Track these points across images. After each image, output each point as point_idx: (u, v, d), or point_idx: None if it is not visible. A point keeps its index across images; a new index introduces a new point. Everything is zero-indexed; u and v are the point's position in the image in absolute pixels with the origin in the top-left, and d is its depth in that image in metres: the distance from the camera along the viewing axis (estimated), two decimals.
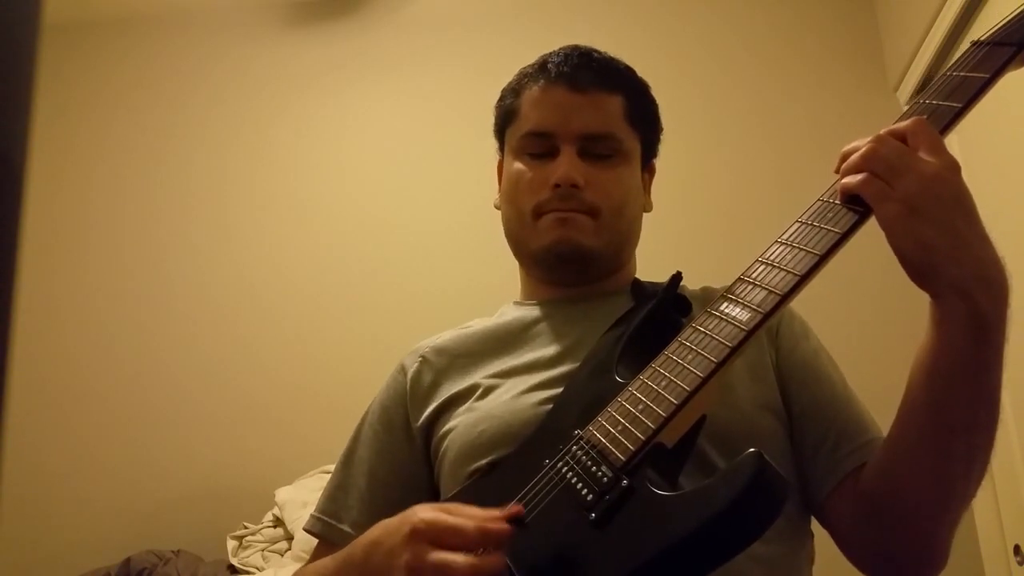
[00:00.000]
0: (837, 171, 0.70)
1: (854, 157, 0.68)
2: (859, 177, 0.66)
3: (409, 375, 0.94)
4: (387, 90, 2.53)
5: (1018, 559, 1.73)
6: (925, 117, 0.69)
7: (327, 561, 0.79)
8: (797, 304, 0.73)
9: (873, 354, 1.88)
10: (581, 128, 0.92)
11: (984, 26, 1.82)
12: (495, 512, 0.62)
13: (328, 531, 0.89)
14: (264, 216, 2.47)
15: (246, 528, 2.00)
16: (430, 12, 2.57)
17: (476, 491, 0.78)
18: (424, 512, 0.63)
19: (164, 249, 2.47)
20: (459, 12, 2.57)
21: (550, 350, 0.90)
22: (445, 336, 0.98)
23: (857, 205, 0.67)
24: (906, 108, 0.73)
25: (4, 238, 0.27)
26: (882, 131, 0.68)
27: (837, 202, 0.68)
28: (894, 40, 2.26)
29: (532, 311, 0.97)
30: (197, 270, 2.44)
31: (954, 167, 0.65)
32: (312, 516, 0.92)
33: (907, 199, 0.63)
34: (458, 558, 0.59)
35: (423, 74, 2.52)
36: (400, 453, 0.91)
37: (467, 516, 0.62)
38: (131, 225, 2.51)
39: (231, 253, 2.45)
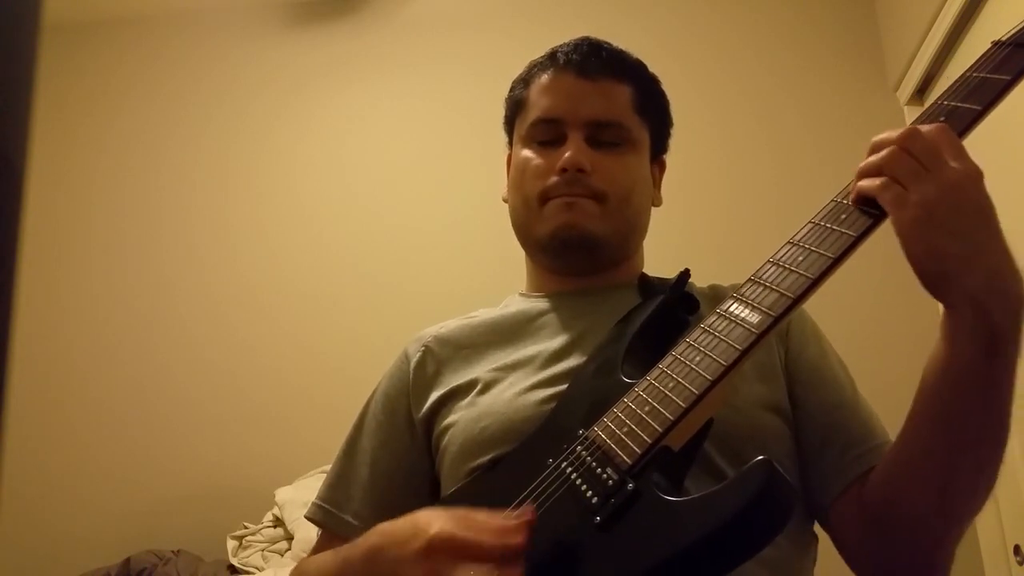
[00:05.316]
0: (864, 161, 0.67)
1: (874, 159, 0.66)
2: (877, 181, 0.64)
3: (412, 364, 0.93)
4: (387, 90, 2.53)
5: (1018, 559, 1.73)
6: (943, 119, 0.67)
7: (328, 557, 0.78)
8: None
9: (877, 357, 1.88)
10: (589, 115, 0.92)
11: (985, 26, 1.83)
12: (511, 522, 0.60)
13: (329, 519, 0.89)
14: (264, 216, 2.47)
15: (246, 528, 2.00)
16: (430, 12, 2.57)
17: (478, 488, 0.77)
18: (440, 523, 0.60)
19: (164, 249, 2.47)
20: (459, 12, 2.56)
21: (554, 344, 0.89)
22: (450, 325, 0.97)
23: (873, 208, 0.65)
24: (926, 107, 0.71)
25: (4, 238, 0.26)
26: (906, 129, 0.65)
27: (851, 204, 0.67)
28: (894, 40, 2.26)
29: (537, 303, 0.96)
30: (197, 270, 2.44)
31: (976, 175, 0.63)
32: (314, 504, 0.91)
33: (924, 205, 0.61)
34: (480, 572, 0.57)
35: (423, 74, 2.52)
36: (402, 443, 0.90)
37: (486, 530, 0.59)
38: (131, 225, 2.50)
39: (231, 253, 2.45)
